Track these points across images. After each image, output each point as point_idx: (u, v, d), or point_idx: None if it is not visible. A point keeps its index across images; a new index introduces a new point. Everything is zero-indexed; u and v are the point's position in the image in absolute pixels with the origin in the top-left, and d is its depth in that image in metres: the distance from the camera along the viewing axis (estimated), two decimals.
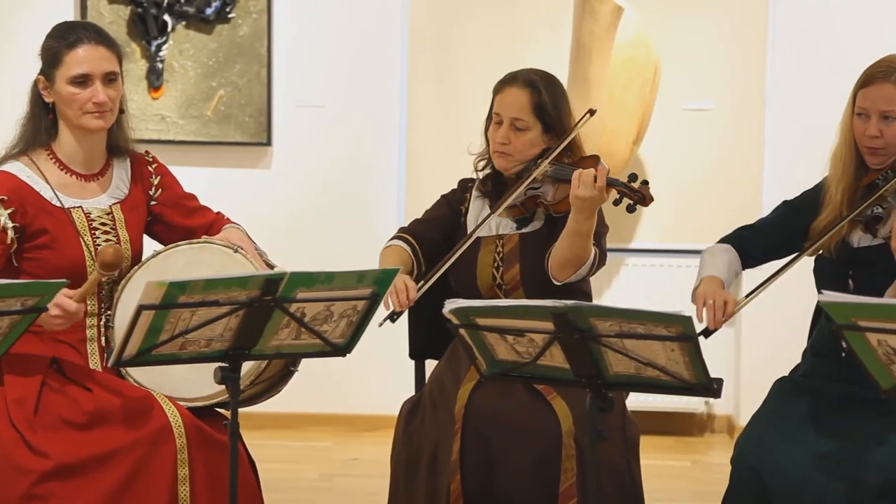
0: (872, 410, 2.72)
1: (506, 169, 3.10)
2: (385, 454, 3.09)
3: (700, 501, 4.15)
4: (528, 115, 3.06)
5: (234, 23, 5.13)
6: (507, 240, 3.10)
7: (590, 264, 2.99)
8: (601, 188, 2.85)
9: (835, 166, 2.89)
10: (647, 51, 4.92)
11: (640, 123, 4.94)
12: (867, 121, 2.80)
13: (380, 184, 5.21)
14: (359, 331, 2.59)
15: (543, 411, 2.87)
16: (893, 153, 2.81)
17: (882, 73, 2.81)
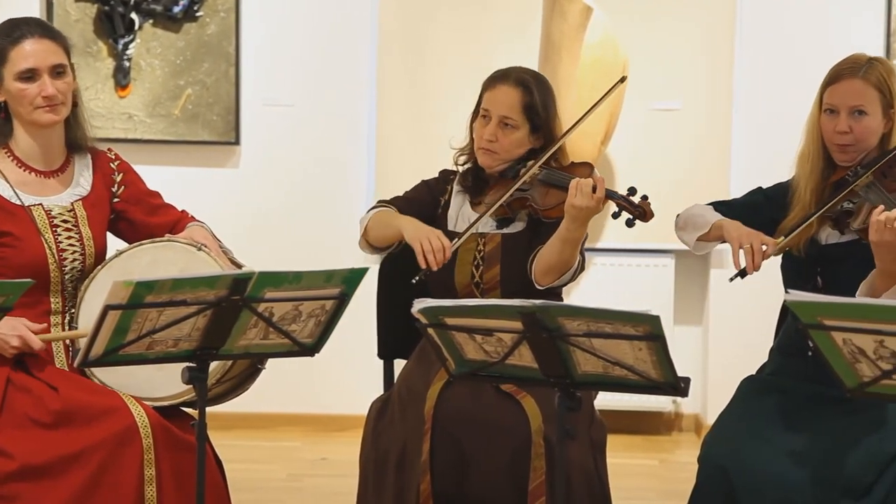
0: (838, 409, 2.75)
1: (489, 166, 3.09)
2: (354, 454, 3.08)
3: (667, 500, 4.17)
4: (517, 115, 3.05)
5: (202, 21, 5.11)
6: (489, 239, 3.09)
7: (573, 271, 2.99)
8: (599, 199, 2.85)
9: (802, 166, 2.90)
10: (615, 51, 4.94)
11: (608, 123, 4.95)
12: (836, 117, 2.82)
13: (349, 183, 5.20)
14: (327, 330, 2.59)
15: (513, 411, 2.87)
16: (862, 150, 2.83)
17: (849, 69, 2.82)
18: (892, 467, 2.69)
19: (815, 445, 2.69)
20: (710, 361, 5.12)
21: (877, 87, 2.80)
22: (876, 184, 2.74)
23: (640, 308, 2.27)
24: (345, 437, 4.94)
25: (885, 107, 2.82)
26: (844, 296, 2.30)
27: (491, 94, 3.07)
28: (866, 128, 2.81)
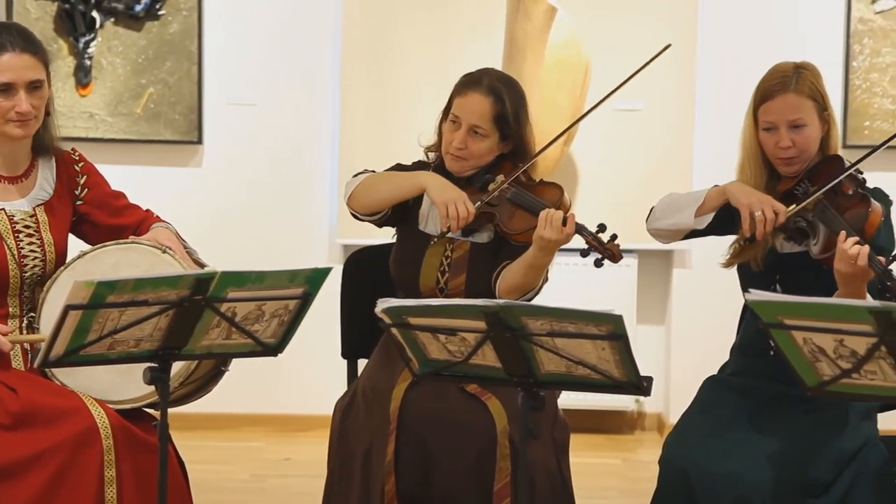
0: (799, 408, 2.77)
1: (458, 172, 3.08)
2: (317, 454, 3.08)
3: (630, 499, 4.19)
4: (487, 124, 3.03)
5: (164, 20, 5.08)
6: (458, 246, 3.07)
7: (536, 290, 3.00)
8: (569, 235, 2.86)
9: (744, 180, 2.89)
10: (577, 51, 4.96)
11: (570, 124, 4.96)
12: (777, 133, 2.83)
13: (312, 183, 5.19)
14: (290, 330, 2.58)
15: (478, 411, 2.87)
16: (807, 159, 2.85)
17: (780, 84, 2.83)
18: (852, 466, 2.71)
19: (776, 444, 2.71)
20: (672, 361, 5.15)
21: (810, 96, 2.82)
22: (828, 205, 2.74)
23: (603, 308, 2.27)
24: (308, 438, 4.93)
25: (819, 112, 2.84)
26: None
27: (462, 101, 3.05)
28: (807, 138, 2.83)
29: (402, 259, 3.09)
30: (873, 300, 2.11)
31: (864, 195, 2.75)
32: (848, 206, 2.74)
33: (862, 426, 2.79)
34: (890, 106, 4.98)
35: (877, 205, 2.74)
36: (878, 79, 4.98)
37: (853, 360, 2.15)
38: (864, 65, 4.98)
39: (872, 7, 4.97)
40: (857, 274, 2.60)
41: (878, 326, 2.07)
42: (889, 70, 4.97)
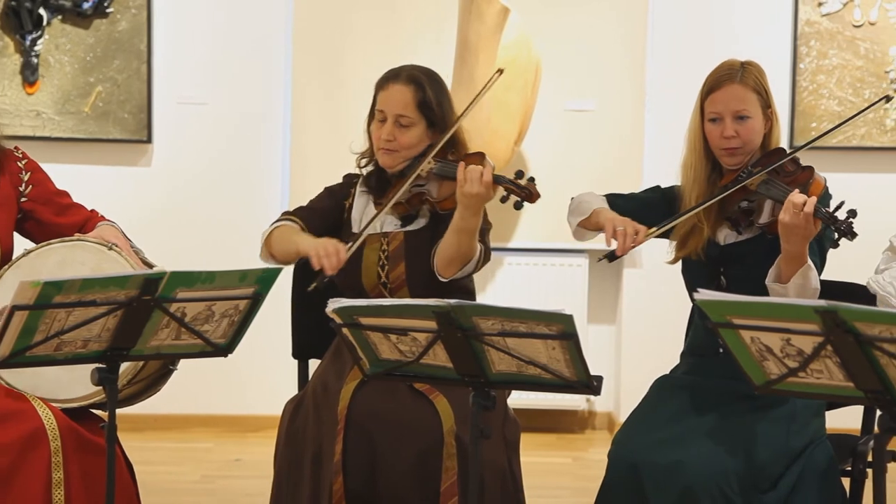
0: (747, 405, 2.79)
1: (391, 166, 3.09)
2: (268, 455, 3.06)
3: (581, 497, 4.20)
4: (412, 112, 3.06)
5: (113, 17, 5.03)
6: (392, 238, 3.09)
7: (475, 261, 3.00)
8: (488, 184, 2.87)
9: (686, 175, 2.96)
10: (528, 52, 4.97)
11: (521, 124, 4.99)
12: (721, 123, 2.88)
13: (263, 182, 5.17)
14: (241, 330, 2.57)
15: (426, 410, 2.87)
16: (749, 151, 2.90)
17: (727, 75, 2.89)
18: (799, 461, 2.74)
19: (724, 439, 2.74)
20: (623, 360, 5.18)
21: (754, 89, 2.88)
22: (772, 180, 2.80)
23: (554, 307, 2.28)
24: (259, 438, 4.91)
25: (763, 107, 2.90)
26: (748, 293, 2.34)
27: (384, 95, 3.09)
28: (751, 130, 2.88)
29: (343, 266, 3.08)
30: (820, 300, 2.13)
31: (808, 167, 2.80)
32: (791, 179, 2.80)
33: (810, 423, 2.82)
34: (836, 107, 5.04)
35: (819, 175, 2.79)
36: (824, 80, 5.04)
37: (800, 359, 2.17)
38: (810, 66, 5.04)
39: (819, 10, 5.03)
40: (800, 225, 2.63)
41: (824, 326, 2.10)
42: (835, 72, 5.03)
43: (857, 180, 4.97)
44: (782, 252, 2.71)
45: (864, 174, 5.04)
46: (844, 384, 2.17)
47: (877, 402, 2.17)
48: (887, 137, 5.04)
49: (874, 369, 2.11)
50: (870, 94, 5.02)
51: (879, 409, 2.18)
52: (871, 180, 5.03)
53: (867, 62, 5.02)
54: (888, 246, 2.89)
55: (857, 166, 5.02)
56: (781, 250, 2.71)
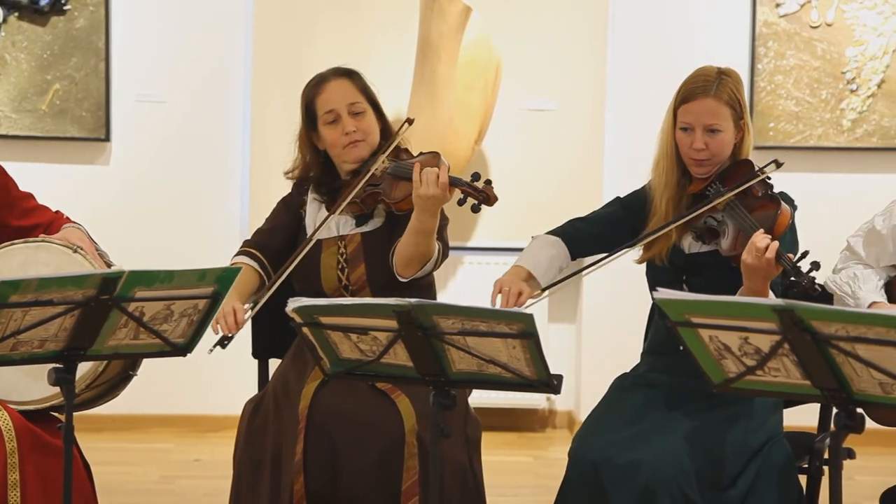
0: (706, 403, 2.81)
1: (363, 159, 3.07)
2: (228, 455, 3.05)
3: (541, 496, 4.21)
4: (360, 97, 3.09)
5: (70, 15, 4.99)
6: (350, 240, 3.08)
7: (434, 260, 3.00)
8: (444, 187, 2.86)
9: (658, 176, 2.97)
10: (488, 51, 4.98)
11: (481, 123, 4.99)
12: (692, 134, 2.88)
13: (223, 181, 5.14)
14: (200, 330, 2.55)
15: (387, 410, 2.87)
16: (718, 163, 2.90)
17: (701, 87, 2.88)
18: (757, 459, 2.77)
19: (684, 437, 2.75)
20: (583, 359, 5.19)
21: (728, 103, 2.88)
22: (737, 204, 2.80)
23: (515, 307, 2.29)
24: (219, 438, 4.89)
25: (736, 119, 2.90)
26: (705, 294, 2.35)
27: (323, 97, 3.10)
28: (721, 143, 2.88)
29: (299, 272, 3.07)
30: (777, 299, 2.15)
31: (774, 196, 2.81)
32: (757, 206, 2.80)
33: (768, 421, 2.84)
34: (794, 108, 5.08)
35: (786, 206, 2.80)
36: (782, 81, 5.08)
37: (757, 358, 2.19)
38: (768, 67, 5.08)
39: (777, 11, 5.07)
40: (762, 267, 2.64)
41: (781, 324, 2.11)
42: (793, 72, 5.07)
43: (813, 180, 5.02)
44: (744, 286, 2.72)
45: (820, 174, 5.08)
46: (801, 382, 2.19)
47: (833, 399, 2.18)
48: (843, 138, 5.09)
49: (830, 367, 2.13)
50: (827, 95, 5.07)
51: (835, 407, 2.20)
52: (828, 180, 5.08)
53: (824, 63, 5.06)
54: (846, 246, 2.92)
55: (813, 166, 5.07)
56: (743, 284, 2.72)
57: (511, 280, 2.91)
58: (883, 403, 2.14)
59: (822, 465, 2.86)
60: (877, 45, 5.05)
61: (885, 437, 3.11)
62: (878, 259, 2.83)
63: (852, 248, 2.89)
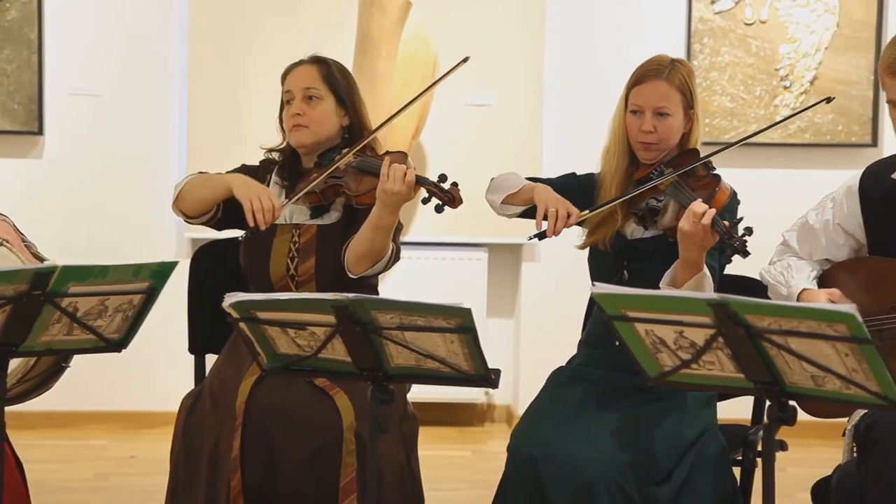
0: (641, 397, 2.84)
1: (303, 144, 3.06)
2: (164, 451, 3.02)
3: (479, 489, 4.23)
4: (319, 84, 3.07)
5: (2, 6, 4.91)
6: (304, 230, 3.07)
7: (386, 259, 3.00)
8: (410, 184, 2.86)
9: (607, 162, 3.00)
10: (426, 46, 4.98)
11: (419, 118, 4.99)
12: (641, 117, 2.92)
13: (159, 175, 5.09)
14: (135, 325, 2.53)
15: (325, 406, 2.86)
16: (665, 149, 2.94)
17: (654, 70, 2.92)
18: (691, 452, 2.80)
19: (619, 433, 2.77)
20: (521, 353, 5.22)
21: (679, 89, 2.92)
22: (681, 183, 2.84)
23: (453, 301, 2.29)
24: (155, 434, 4.85)
25: (686, 107, 2.94)
26: (650, 288, 2.37)
27: (290, 78, 3.10)
28: (669, 127, 2.92)
29: (250, 251, 3.07)
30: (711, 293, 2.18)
31: (716, 175, 2.85)
32: (699, 185, 2.84)
33: (702, 414, 2.88)
34: (729, 104, 5.14)
35: (726, 184, 2.84)
36: (717, 77, 5.13)
37: (692, 351, 2.21)
38: (704, 63, 5.13)
39: (712, 7, 5.12)
40: (697, 234, 2.67)
41: (715, 318, 2.14)
42: (728, 69, 5.13)
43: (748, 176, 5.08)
44: (679, 258, 2.75)
45: (757, 169, 5.15)
46: (735, 375, 2.21)
47: (766, 392, 2.21)
48: (777, 134, 5.15)
49: (763, 361, 2.16)
50: (760, 91, 5.13)
51: (768, 400, 2.23)
52: (762, 176, 5.15)
53: (758, 59, 5.13)
54: (781, 241, 2.96)
55: (748, 162, 5.13)
56: (679, 256, 2.75)
57: (556, 199, 2.86)
58: (814, 396, 2.18)
59: (756, 457, 2.89)
60: (809, 42, 5.13)
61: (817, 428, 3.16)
62: (812, 253, 2.88)
63: (787, 242, 2.93)
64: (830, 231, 2.84)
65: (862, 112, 5.13)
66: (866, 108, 5.12)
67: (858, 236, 2.82)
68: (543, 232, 2.85)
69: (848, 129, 5.14)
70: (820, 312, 2.06)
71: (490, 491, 2.86)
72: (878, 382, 2.08)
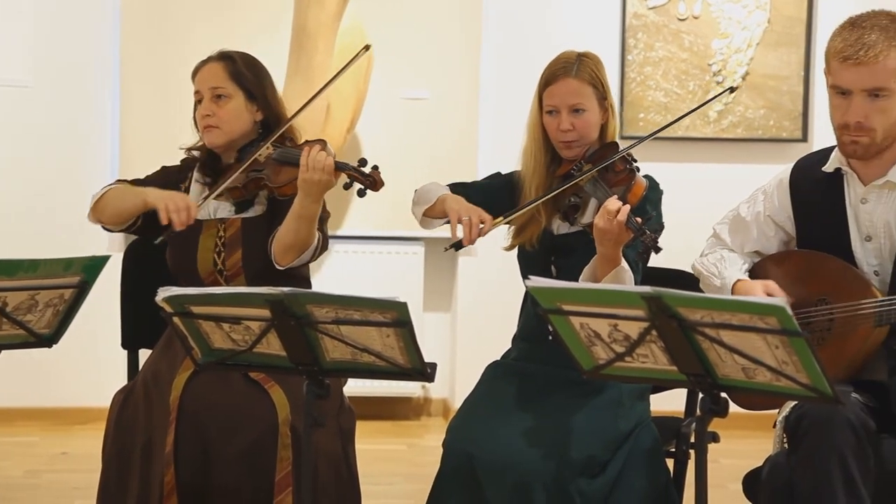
0: (576, 391, 2.85)
1: (216, 145, 3.06)
2: (96, 447, 2.99)
3: (415, 483, 4.23)
4: (226, 83, 3.05)
5: None
6: (229, 224, 3.06)
7: (313, 249, 2.99)
8: (330, 171, 2.86)
9: (526, 163, 3.01)
10: (361, 39, 4.97)
11: (354, 111, 4.98)
12: (558, 116, 2.94)
13: (91, 167, 5.02)
14: (66, 320, 2.50)
15: (260, 400, 2.85)
16: (585, 144, 2.97)
17: (563, 69, 2.94)
18: (626, 445, 2.82)
19: (554, 426, 2.79)
20: (458, 347, 5.23)
21: (590, 82, 2.94)
22: (599, 180, 2.87)
23: (390, 295, 2.29)
24: (86, 431, 4.80)
25: (600, 100, 2.96)
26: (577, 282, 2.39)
27: (199, 77, 3.09)
28: (587, 123, 2.94)
29: (176, 250, 3.05)
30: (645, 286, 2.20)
31: (633, 170, 2.88)
32: (617, 180, 2.86)
33: (636, 407, 2.90)
34: (662, 98, 5.19)
35: (641, 178, 2.87)
36: (651, 72, 5.18)
37: (626, 344, 2.23)
38: (638, 58, 5.17)
39: (645, 2, 5.16)
40: (612, 231, 2.69)
41: (649, 311, 2.16)
42: (661, 64, 5.18)
43: (681, 170, 5.14)
44: (597, 253, 2.77)
45: (688, 164, 5.20)
46: (668, 368, 2.24)
47: (699, 385, 2.24)
48: (710, 129, 5.21)
49: (696, 353, 2.18)
50: (694, 87, 5.19)
51: (701, 392, 2.25)
52: (695, 169, 5.20)
53: (691, 55, 5.18)
54: (712, 233, 2.99)
55: (681, 156, 5.19)
56: (597, 251, 2.77)
57: (469, 208, 2.86)
58: (746, 388, 2.21)
59: (689, 449, 2.92)
60: (741, 38, 5.19)
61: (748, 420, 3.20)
62: (743, 246, 2.91)
63: (718, 234, 2.97)
64: (761, 223, 2.88)
65: (793, 107, 5.20)
66: (797, 104, 5.20)
67: (788, 229, 2.86)
68: (459, 241, 2.84)
69: (779, 124, 5.22)
70: (751, 305, 2.09)
71: (426, 485, 2.86)
72: (808, 374, 2.11)
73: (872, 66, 2.57)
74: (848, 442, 2.46)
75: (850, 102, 2.61)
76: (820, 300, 2.70)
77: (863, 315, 2.61)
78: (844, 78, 2.61)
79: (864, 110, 2.61)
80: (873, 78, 2.58)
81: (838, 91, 2.63)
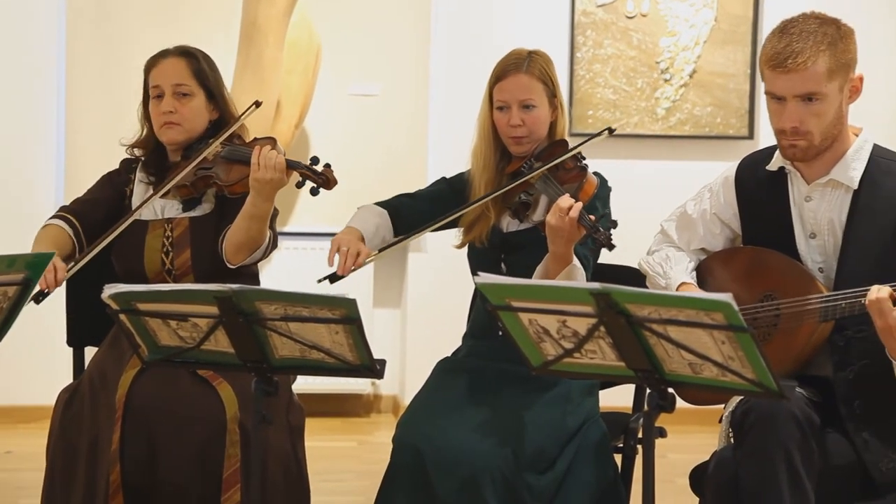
0: (526, 387, 2.86)
1: (176, 142, 3.03)
2: (41, 446, 2.96)
3: (365, 480, 4.23)
4: (190, 81, 3.03)
5: None
6: (177, 224, 3.03)
7: (264, 247, 2.98)
8: (282, 169, 2.85)
9: (476, 161, 3.02)
10: (309, 34, 4.95)
11: (302, 107, 4.96)
12: (508, 112, 2.95)
13: (35, 162, 4.96)
14: (10, 318, 2.46)
15: (208, 397, 2.83)
16: (535, 140, 2.98)
17: (513, 65, 2.96)
18: (574, 440, 2.83)
19: (503, 422, 2.80)
20: (408, 343, 5.23)
21: (540, 79, 2.96)
22: (550, 177, 2.88)
23: (338, 292, 2.28)
24: (31, 429, 4.75)
25: (549, 97, 2.98)
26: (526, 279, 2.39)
27: (157, 71, 3.05)
28: (536, 119, 2.95)
29: (122, 251, 3.02)
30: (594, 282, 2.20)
31: (583, 168, 2.89)
32: (567, 178, 2.88)
33: (584, 403, 2.92)
34: (611, 96, 5.22)
35: (592, 176, 2.88)
36: (600, 69, 5.21)
37: (575, 340, 2.24)
38: (587, 56, 5.20)
39: (594, 0, 5.19)
40: (564, 228, 2.71)
41: (597, 307, 2.17)
42: (610, 61, 5.20)
43: (629, 167, 5.17)
44: (549, 251, 2.79)
45: (636, 161, 5.24)
46: (616, 364, 2.25)
47: (646, 380, 2.25)
48: (658, 126, 5.25)
49: (644, 349, 2.19)
50: (642, 84, 5.22)
51: (649, 388, 2.27)
52: (643, 167, 5.24)
53: (639, 52, 5.21)
54: (659, 230, 3.01)
55: (630, 153, 5.22)
56: (549, 249, 2.78)
57: (349, 239, 2.89)
58: (692, 383, 2.22)
59: (637, 444, 2.95)
60: (689, 35, 5.23)
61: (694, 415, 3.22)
62: (689, 243, 2.93)
63: (665, 231, 2.99)
64: (707, 221, 2.90)
65: (739, 105, 5.25)
66: (743, 102, 5.25)
67: (734, 226, 2.88)
68: (334, 273, 2.85)
69: (726, 121, 5.26)
70: (698, 301, 2.10)
71: (376, 481, 2.86)
72: (753, 369, 2.13)
73: (802, 72, 2.58)
74: (793, 436, 2.48)
75: (784, 108, 2.63)
76: (766, 296, 2.73)
77: (808, 311, 2.64)
78: (777, 85, 2.63)
79: (799, 115, 2.62)
80: (804, 84, 2.60)
81: (773, 97, 2.65)
